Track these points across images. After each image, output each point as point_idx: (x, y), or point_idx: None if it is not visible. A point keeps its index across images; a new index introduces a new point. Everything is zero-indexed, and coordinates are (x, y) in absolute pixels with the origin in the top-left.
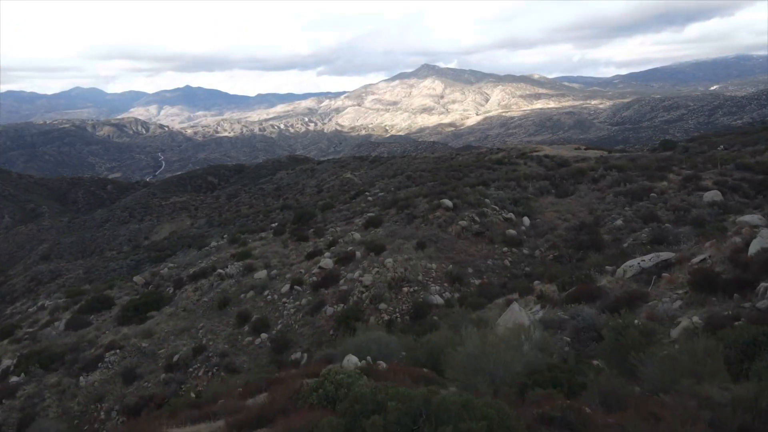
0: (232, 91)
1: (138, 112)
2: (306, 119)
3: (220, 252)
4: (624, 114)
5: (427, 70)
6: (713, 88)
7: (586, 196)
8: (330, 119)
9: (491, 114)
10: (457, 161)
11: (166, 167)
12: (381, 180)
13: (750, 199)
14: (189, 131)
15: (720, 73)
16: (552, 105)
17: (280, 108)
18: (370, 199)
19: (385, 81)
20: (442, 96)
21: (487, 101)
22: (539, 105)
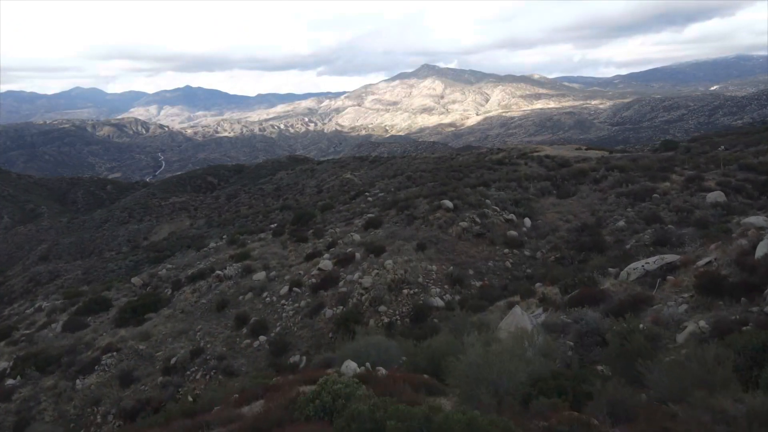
0: (232, 91)
1: (138, 112)
2: (306, 119)
3: (218, 253)
4: (624, 114)
5: (427, 70)
6: (713, 88)
7: (587, 196)
8: (330, 119)
9: (491, 114)
10: (458, 161)
11: (166, 167)
12: (381, 180)
13: (754, 200)
14: (189, 131)
15: (720, 74)
16: (552, 105)
17: (280, 108)
18: (369, 200)
19: (385, 81)
20: (442, 96)
21: (488, 101)
22: (539, 105)
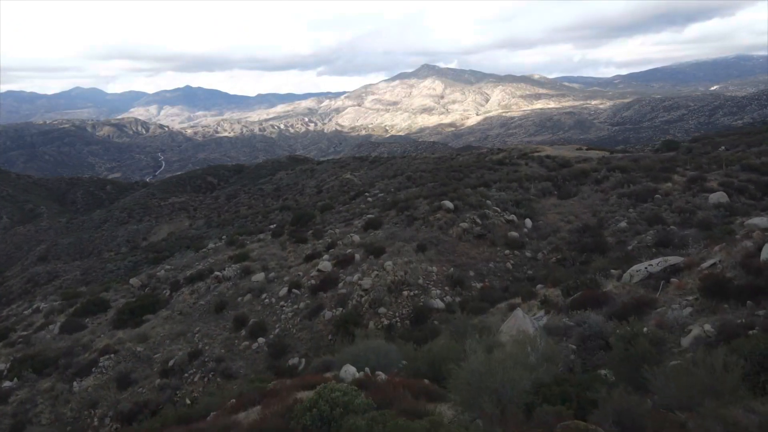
0: (232, 91)
1: (138, 112)
2: (306, 119)
3: (217, 254)
4: (624, 114)
5: (427, 70)
6: (713, 88)
7: (589, 197)
8: (330, 119)
9: (491, 114)
10: (458, 162)
11: (165, 167)
12: (381, 181)
13: (757, 201)
14: (189, 131)
15: (720, 74)
16: (552, 105)
17: (280, 108)
18: (369, 200)
19: (385, 81)
20: (442, 96)
21: (488, 101)
22: (539, 105)
